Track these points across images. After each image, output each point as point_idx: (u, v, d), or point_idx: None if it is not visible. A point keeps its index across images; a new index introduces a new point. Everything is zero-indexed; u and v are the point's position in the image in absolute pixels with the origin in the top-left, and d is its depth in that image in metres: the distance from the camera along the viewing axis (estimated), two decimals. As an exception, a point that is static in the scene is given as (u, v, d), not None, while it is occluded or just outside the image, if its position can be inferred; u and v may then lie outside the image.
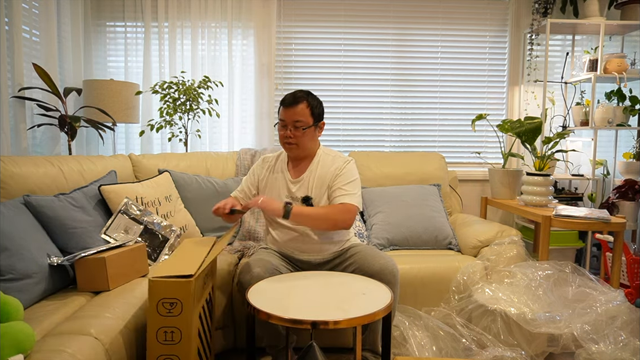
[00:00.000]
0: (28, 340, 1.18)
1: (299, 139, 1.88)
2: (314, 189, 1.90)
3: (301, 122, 1.86)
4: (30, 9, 2.59)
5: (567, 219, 2.31)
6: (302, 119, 1.86)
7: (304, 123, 1.87)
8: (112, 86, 2.77)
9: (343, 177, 1.89)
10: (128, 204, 2.04)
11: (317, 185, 1.90)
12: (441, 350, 1.95)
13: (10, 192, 1.82)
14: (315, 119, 1.90)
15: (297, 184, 1.93)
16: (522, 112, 3.42)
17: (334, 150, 2.03)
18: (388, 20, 3.37)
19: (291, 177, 1.95)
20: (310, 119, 1.88)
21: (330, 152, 2.00)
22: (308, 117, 1.87)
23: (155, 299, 1.36)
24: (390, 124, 3.44)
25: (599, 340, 1.85)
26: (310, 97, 1.90)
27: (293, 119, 1.86)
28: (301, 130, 1.86)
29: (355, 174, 1.93)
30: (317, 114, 1.91)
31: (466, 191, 3.43)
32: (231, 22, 3.18)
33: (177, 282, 1.37)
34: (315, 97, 1.93)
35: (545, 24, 3.11)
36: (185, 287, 1.36)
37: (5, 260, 1.48)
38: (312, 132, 1.91)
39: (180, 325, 1.37)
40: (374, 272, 1.79)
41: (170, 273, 1.38)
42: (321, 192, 1.90)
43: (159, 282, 1.36)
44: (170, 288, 1.36)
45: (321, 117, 1.95)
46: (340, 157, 1.97)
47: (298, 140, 1.88)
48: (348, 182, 1.88)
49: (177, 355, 1.38)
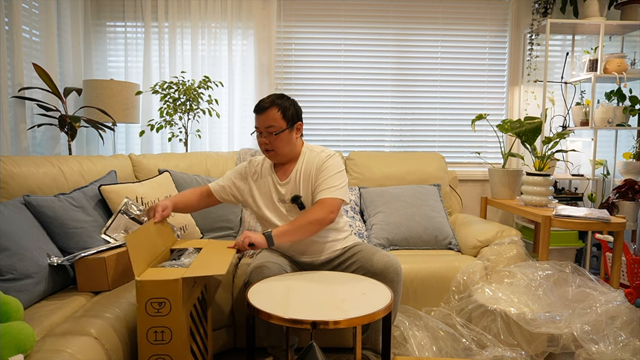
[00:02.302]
0: (28, 340, 1.18)
1: (274, 144, 1.84)
2: (302, 187, 1.88)
3: (273, 127, 1.83)
4: (30, 9, 2.59)
5: (567, 219, 2.31)
6: (274, 124, 1.83)
7: (277, 128, 1.83)
8: (112, 86, 2.77)
9: (325, 172, 1.86)
10: (128, 204, 2.04)
11: (303, 183, 1.88)
12: (441, 350, 1.95)
13: (10, 192, 1.82)
14: (289, 121, 1.85)
15: (285, 186, 1.91)
16: (522, 112, 3.42)
17: (318, 147, 1.98)
18: (388, 20, 3.37)
19: (279, 180, 1.92)
20: (282, 123, 1.83)
21: (315, 149, 1.96)
22: (280, 121, 1.83)
23: (143, 299, 1.36)
24: (390, 124, 3.44)
25: (599, 340, 1.85)
26: (281, 100, 1.86)
27: (265, 124, 1.84)
28: (274, 135, 1.83)
29: (339, 166, 1.89)
30: (291, 116, 1.86)
31: (466, 191, 3.43)
32: (231, 22, 3.19)
33: (165, 281, 1.37)
34: (287, 99, 1.88)
35: (545, 24, 3.11)
36: (173, 286, 1.36)
37: (5, 260, 1.48)
38: (287, 136, 1.86)
39: (170, 324, 1.37)
40: (378, 270, 1.79)
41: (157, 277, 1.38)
42: (308, 190, 1.88)
43: (147, 282, 1.36)
44: (158, 288, 1.36)
45: (296, 119, 1.90)
46: (324, 152, 1.93)
47: (274, 146, 1.85)
48: (329, 176, 1.85)
49: (169, 355, 1.38)
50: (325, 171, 1.86)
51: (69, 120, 2.52)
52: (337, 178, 1.86)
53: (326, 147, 1.99)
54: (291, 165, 1.93)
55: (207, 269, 1.48)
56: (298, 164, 1.92)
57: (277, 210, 1.91)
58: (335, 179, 1.85)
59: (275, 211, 1.92)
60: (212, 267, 1.50)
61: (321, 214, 1.78)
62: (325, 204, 1.80)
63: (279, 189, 1.91)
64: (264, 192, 1.94)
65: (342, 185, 1.87)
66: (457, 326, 2.06)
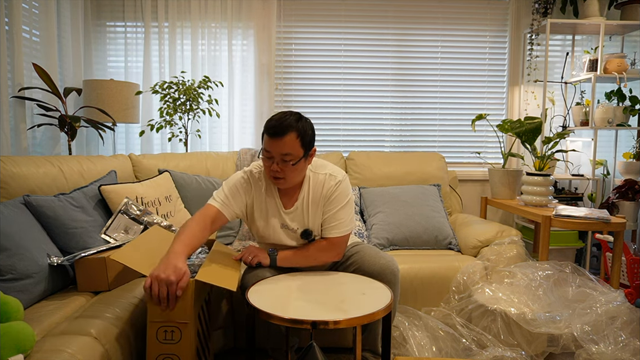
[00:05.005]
0: (28, 340, 1.18)
1: (287, 173, 1.63)
2: (310, 217, 1.75)
3: (290, 156, 1.59)
4: (30, 9, 2.59)
5: (567, 219, 2.31)
6: (292, 152, 1.59)
7: (294, 157, 1.60)
8: (112, 86, 2.77)
9: (335, 202, 1.73)
10: (128, 204, 2.04)
11: (312, 211, 1.75)
12: (441, 351, 1.95)
13: (10, 192, 1.82)
14: (306, 148, 1.64)
15: (291, 214, 1.76)
16: (522, 112, 3.42)
17: (323, 163, 1.80)
18: (388, 20, 3.37)
19: (284, 208, 1.76)
20: (300, 151, 1.61)
21: (320, 170, 1.77)
22: (298, 149, 1.60)
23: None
24: (390, 124, 3.44)
25: (599, 340, 1.85)
26: (300, 123, 1.61)
27: (281, 152, 1.59)
28: (290, 165, 1.61)
29: (347, 194, 1.76)
30: (308, 141, 1.64)
31: (466, 191, 3.43)
32: (231, 23, 3.19)
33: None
34: (305, 121, 1.65)
35: (545, 24, 3.11)
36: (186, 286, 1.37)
37: (5, 260, 1.48)
38: (302, 165, 1.65)
39: (180, 324, 1.37)
40: (375, 272, 1.77)
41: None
42: (318, 218, 1.77)
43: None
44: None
45: (312, 144, 1.68)
46: (331, 175, 1.75)
47: (286, 175, 1.63)
48: (339, 208, 1.73)
49: (177, 354, 1.38)
50: (334, 201, 1.73)
51: (69, 120, 2.52)
52: (346, 210, 1.75)
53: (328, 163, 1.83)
54: (296, 190, 1.76)
55: (219, 278, 1.48)
56: (304, 190, 1.75)
57: (281, 234, 1.80)
58: (344, 211, 1.74)
59: (279, 235, 1.80)
60: (223, 278, 1.50)
61: (329, 255, 1.77)
62: (335, 245, 1.76)
63: (284, 217, 1.77)
64: (267, 214, 1.77)
65: (351, 217, 1.78)
66: (457, 326, 2.06)
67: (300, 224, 1.78)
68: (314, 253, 1.76)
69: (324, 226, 1.77)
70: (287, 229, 1.79)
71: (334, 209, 1.74)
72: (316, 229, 1.79)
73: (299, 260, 1.76)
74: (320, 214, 1.76)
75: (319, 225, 1.79)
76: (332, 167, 1.80)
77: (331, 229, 1.75)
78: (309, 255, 1.76)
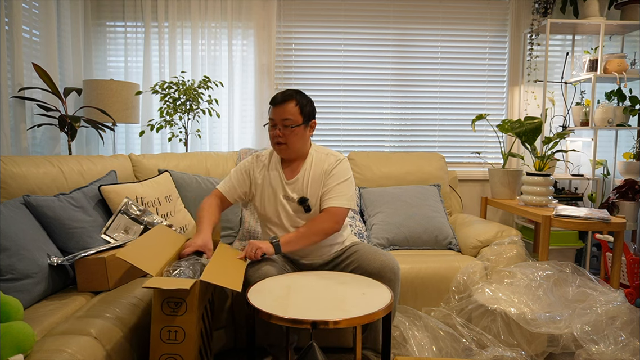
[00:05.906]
0: (28, 340, 1.18)
1: (288, 137, 1.84)
2: (310, 189, 1.89)
3: (290, 121, 1.83)
4: (30, 9, 2.59)
5: (567, 219, 2.31)
6: (291, 117, 1.83)
7: (293, 121, 1.84)
8: (112, 86, 2.77)
9: (335, 177, 1.88)
10: (128, 204, 2.04)
11: (312, 185, 1.89)
12: (441, 351, 1.95)
13: (10, 192, 1.82)
14: (305, 117, 1.87)
15: (292, 184, 1.91)
16: (522, 112, 3.42)
17: (326, 148, 2.00)
18: (388, 20, 3.37)
19: (286, 178, 1.92)
20: (299, 118, 1.85)
21: (323, 150, 1.98)
22: (297, 115, 1.84)
23: (160, 298, 1.37)
24: (390, 124, 3.44)
25: (599, 340, 1.85)
26: (299, 96, 1.87)
27: (282, 117, 1.83)
28: (290, 128, 1.84)
29: (347, 172, 1.92)
30: (307, 112, 1.88)
31: (466, 191, 3.43)
32: (231, 23, 3.19)
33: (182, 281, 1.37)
34: (304, 96, 1.90)
35: (545, 24, 3.11)
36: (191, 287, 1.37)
37: (5, 260, 1.48)
38: (302, 131, 1.87)
39: (184, 324, 1.37)
40: (375, 270, 1.79)
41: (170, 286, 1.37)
42: (317, 192, 1.89)
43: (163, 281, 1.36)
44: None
45: (312, 116, 1.92)
46: (332, 154, 1.95)
47: (287, 139, 1.85)
48: (338, 182, 1.87)
49: (180, 354, 1.38)
50: (335, 176, 1.88)
51: (69, 120, 2.52)
52: (346, 185, 1.88)
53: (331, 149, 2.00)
54: (299, 164, 1.93)
55: (223, 279, 1.48)
56: (306, 164, 1.92)
57: (281, 206, 1.91)
58: (344, 186, 1.87)
59: (279, 207, 1.91)
60: (228, 278, 1.51)
61: (327, 225, 1.81)
62: (332, 214, 1.82)
63: (286, 187, 1.91)
64: (270, 186, 1.93)
65: (351, 194, 1.89)
66: (457, 326, 2.06)
67: (300, 194, 1.89)
68: (313, 227, 1.81)
69: (324, 198, 1.87)
70: (288, 200, 1.90)
71: (333, 182, 1.87)
72: (314, 201, 1.88)
73: (301, 239, 1.80)
74: (320, 189, 1.88)
75: (318, 197, 1.88)
76: (334, 151, 1.99)
77: (330, 199, 1.85)
78: (310, 231, 1.81)
